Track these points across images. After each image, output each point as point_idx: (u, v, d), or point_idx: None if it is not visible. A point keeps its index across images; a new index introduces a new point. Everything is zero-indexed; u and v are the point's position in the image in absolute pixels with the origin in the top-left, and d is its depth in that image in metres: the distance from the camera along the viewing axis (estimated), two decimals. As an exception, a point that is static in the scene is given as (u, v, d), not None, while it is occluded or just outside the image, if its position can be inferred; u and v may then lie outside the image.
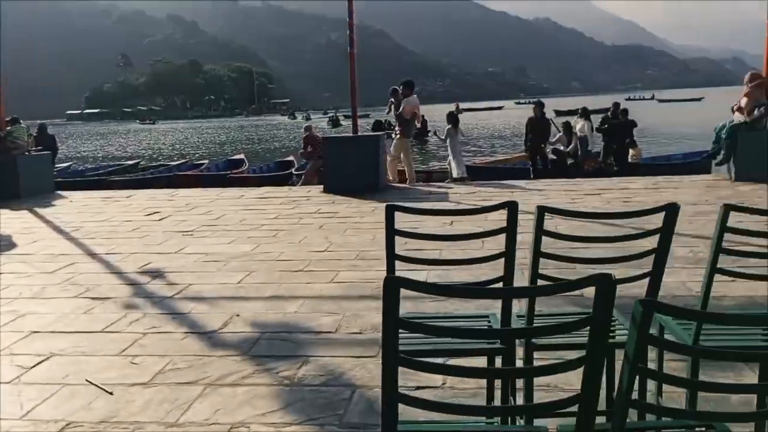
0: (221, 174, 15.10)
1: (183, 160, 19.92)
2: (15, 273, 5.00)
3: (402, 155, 10.42)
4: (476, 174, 13.34)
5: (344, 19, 9.15)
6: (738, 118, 8.30)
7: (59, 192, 9.47)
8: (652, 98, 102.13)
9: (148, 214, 7.56)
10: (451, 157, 11.94)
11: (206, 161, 18.61)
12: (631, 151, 13.09)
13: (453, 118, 12.15)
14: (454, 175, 11.60)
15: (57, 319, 3.84)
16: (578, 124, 13.48)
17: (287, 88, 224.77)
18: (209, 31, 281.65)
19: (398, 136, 10.33)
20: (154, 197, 9.10)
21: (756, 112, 8.01)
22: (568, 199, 7.39)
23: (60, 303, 4.17)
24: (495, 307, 2.36)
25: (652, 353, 2.27)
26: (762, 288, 3.47)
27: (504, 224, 2.26)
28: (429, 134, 40.32)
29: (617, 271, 2.67)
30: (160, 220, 7.18)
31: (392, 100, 10.47)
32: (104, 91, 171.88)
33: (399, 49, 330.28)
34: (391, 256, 2.25)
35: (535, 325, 2.11)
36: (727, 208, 2.09)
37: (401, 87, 10.41)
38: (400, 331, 1.31)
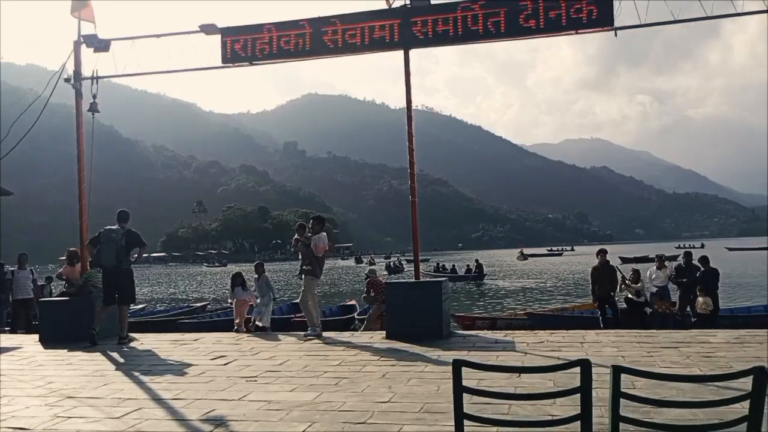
0: (285, 317, 15.28)
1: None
2: (83, 417, 5.07)
3: (307, 295, 9.61)
4: (542, 322, 13.03)
5: (404, 167, 9.53)
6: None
7: (132, 334, 9.75)
8: (702, 246, 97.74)
9: (213, 358, 7.65)
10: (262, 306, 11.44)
11: (270, 304, 18.94)
12: (700, 300, 11.97)
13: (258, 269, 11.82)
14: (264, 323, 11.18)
15: (121, 467, 3.82)
16: (653, 275, 13.05)
17: (350, 232, 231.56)
18: (278, 179, 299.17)
19: (307, 276, 9.58)
20: (220, 341, 9.24)
21: None
22: (644, 352, 7.04)
23: (125, 450, 4.16)
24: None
25: None
26: None
27: (575, 380, 2.20)
28: (484, 278, 40.47)
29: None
30: (225, 364, 7.24)
31: (296, 236, 9.84)
32: (179, 235, 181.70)
33: (457, 195, 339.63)
34: (459, 416, 2.19)
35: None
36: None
37: (311, 223, 9.84)
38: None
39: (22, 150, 10.57)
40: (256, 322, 11.30)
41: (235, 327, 11.32)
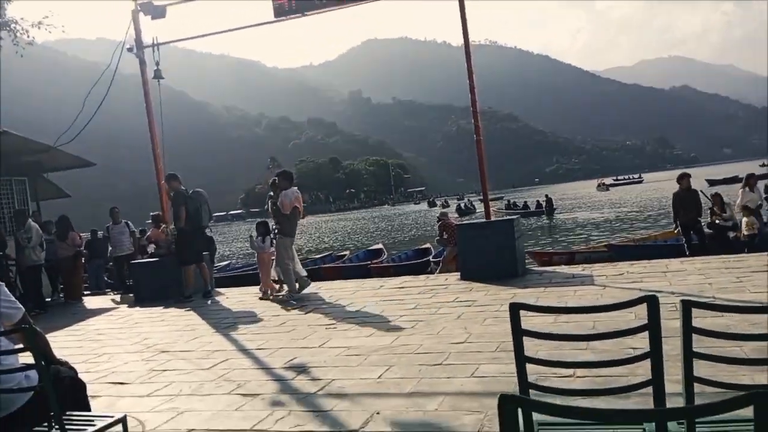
0: (362, 264, 15.58)
1: (326, 253, 20.86)
2: (176, 370, 5.40)
3: (280, 258, 8.85)
4: (623, 253, 12.63)
5: (470, 106, 9.26)
6: None
7: (218, 289, 10.23)
8: None
9: (293, 308, 7.91)
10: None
11: (347, 252, 19.34)
12: (745, 220, 10.98)
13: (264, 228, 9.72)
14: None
15: (212, 416, 4.06)
16: (746, 196, 11.90)
17: (421, 176, 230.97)
18: (346, 129, 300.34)
19: (277, 235, 8.86)
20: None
21: None
22: (733, 278, 6.70)
23: (215, 400, 4.40)
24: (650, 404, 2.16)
25: None
26: None
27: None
28: (555, 212, 39.81)
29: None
30: (305, 313, 7.48)
31: (270, 193, 9.11)
32: (256, 192, 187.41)
33: (529, 130, 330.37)
34: (521, 360, 2.10)
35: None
36: None
37: (278, 178, 9.04)
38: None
39: (102, 122, 11.08)
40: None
41: (261, 291, 9.34)
